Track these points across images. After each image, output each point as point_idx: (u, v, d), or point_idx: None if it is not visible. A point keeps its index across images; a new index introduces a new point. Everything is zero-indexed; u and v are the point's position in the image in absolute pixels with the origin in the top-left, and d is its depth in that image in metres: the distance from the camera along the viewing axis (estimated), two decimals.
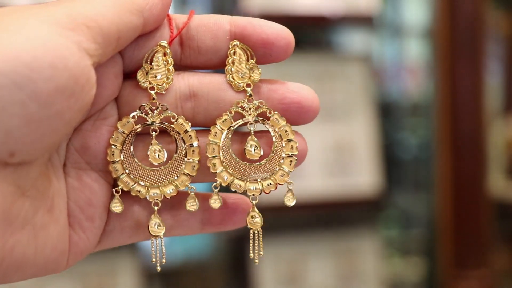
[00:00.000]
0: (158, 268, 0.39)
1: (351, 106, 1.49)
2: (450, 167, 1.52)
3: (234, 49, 0.39)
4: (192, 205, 0.39)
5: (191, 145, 0.39)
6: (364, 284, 1.51)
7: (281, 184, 0.39)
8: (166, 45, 0.38)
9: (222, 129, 0.38)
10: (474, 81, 1.50)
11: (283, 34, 0.38)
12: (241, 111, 0.39)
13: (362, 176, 1.47)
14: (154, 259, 0.39)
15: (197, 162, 0.39)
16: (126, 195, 0.39)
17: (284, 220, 1.48)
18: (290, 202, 0.40)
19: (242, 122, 0.39)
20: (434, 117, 1.58)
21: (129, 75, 0.39)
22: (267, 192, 0.39)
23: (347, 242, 1.51)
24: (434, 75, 1.59)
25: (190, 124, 0.38)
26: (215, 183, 0.39)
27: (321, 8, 1.44)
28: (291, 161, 0.39)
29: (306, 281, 1.48)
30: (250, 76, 0.39)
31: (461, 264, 1.52)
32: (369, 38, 1.73)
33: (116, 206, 0.38)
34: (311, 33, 1.65)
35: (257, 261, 0.40)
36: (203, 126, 0.39)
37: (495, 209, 1.60)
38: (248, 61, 0.39)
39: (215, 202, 0.39)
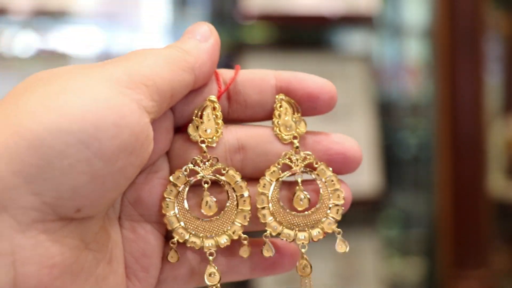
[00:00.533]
0: None
1: (351, 106, 1.49)
2: (450, 167, 1.52)
3: (281, 103, 0.40)
4: (245, 251, 0.40)
5: (242, 195, 0.40)
6: (364, 284, 1.51)
7: (329, 232, 0.41)
8: (215, 100, 0.39)
9: (271, 181, 0.40)
10: (474, 81, 1.50)
11: (327, 88, 0.39)
12: (289, 163, 0.40)
13: (362, 176, 1.47)
14: None
15: (248, 211, 0.40)
16: (179, 244, 0.40)
17: None
18: (342, 249, 0.41)
19: (290, 173, 0.40)
20: (434, 117, 1.58)
21: (180, 129, 0.40)
22: (316, 240, 0.40)
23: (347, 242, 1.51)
24: (434, 75, 1.59)
25: (240, 175, 0.39)
26: (265, 233, 0.40)
27: (321, 8, 1.44)
28: (337, 209, 0.41)
29: None
30: (296, 128, 0.40)
31: (461, 264, 1.52)
32: (369, 38, 1.73)
33: (172, 257, 0.39)
34: (311, 33, 1.65)
35: None
36: (252, 177, 0.40)
37: (495, 209, 1.60)
38: (294, 114, 0.40)
39: (267, 251, 0.40)
